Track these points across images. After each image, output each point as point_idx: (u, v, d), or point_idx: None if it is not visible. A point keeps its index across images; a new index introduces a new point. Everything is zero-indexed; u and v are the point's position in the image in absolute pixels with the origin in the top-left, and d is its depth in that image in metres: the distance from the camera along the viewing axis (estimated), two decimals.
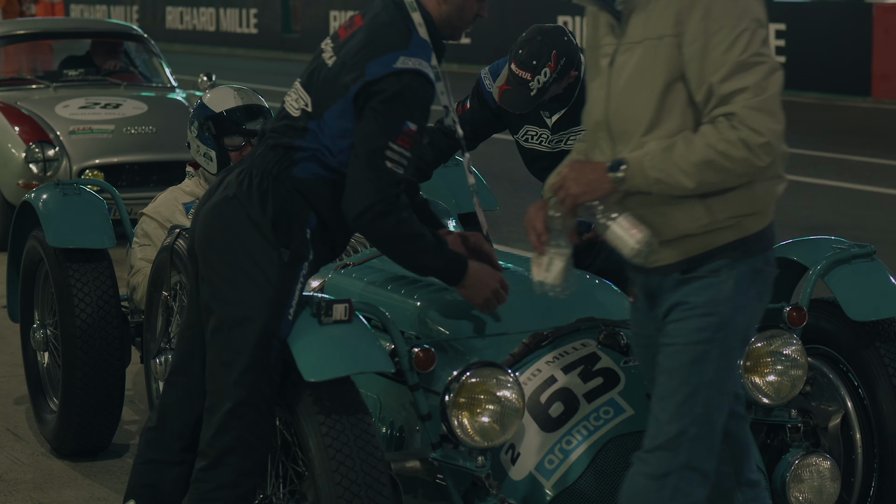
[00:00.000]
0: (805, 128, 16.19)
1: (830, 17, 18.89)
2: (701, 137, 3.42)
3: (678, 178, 3.42)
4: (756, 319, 3.62)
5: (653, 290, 3.61)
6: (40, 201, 5.78)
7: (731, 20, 3.42)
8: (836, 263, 4.53)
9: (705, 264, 3.52)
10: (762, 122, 3.40)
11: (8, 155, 9.72)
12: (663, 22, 3.47)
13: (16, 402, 6.55)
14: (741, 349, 3.62)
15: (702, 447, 3.51)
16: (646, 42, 3.50)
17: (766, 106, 3.41)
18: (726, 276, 3.51)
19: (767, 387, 4.30)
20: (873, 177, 12.76)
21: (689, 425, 3.49)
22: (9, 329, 7.33)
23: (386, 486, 3.87)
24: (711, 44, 3.42)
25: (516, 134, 5.56)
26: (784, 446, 4.33)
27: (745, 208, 3.52)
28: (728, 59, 3.41)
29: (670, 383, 3.51)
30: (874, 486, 4.46)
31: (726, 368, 3.53)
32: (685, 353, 3.50)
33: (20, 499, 5.42)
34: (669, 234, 3.52)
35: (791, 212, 10.92)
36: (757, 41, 3.43)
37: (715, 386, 3.51)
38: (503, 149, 10.70)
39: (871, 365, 4.46)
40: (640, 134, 3.50)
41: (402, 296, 4.57)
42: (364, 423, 3.91)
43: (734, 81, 3.40)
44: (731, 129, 3.39)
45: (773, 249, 3.62)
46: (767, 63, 3.44)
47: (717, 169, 3.41)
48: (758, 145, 3.40)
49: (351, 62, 3.99)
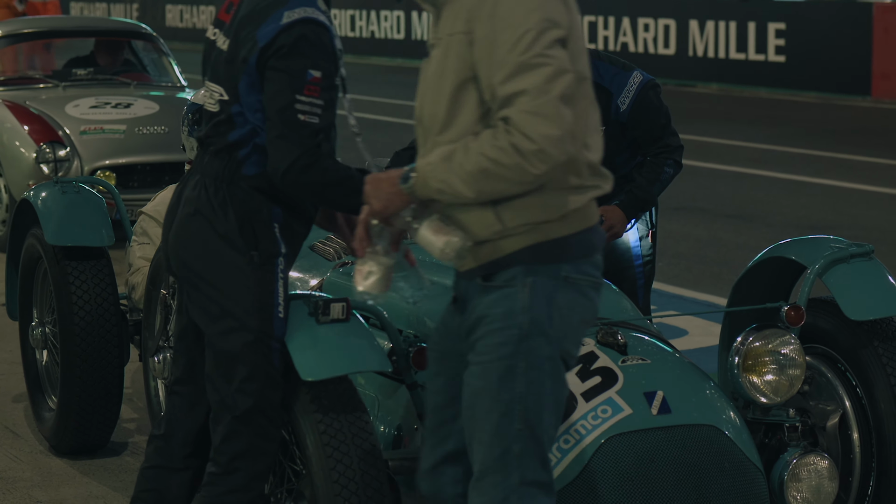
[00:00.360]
0: (804, 127, 16.20)
1: (830, 16, 18.90)
2: (476, 144, 3.28)
3: (458, 187, 3.31)
4: (572, 330, 3.43)
5: (462, 294, 3.52)
6: (39, 199, 5.78)
7: (516, 19, 3.27)
8: (834, 263, 4.53)
9: (501, 272, 3.39)
10: (536, 128, 3.22)
11: (18, 155, 9.63)
12: (459, 18, 3.35)
13: (14, 399, 6.55)
14: (556, 360, 3.41)
15: (531, 461, 3.39)
16: (445, 38, 3.39)
17: (543, 110, 3.23)
18: (521, 286, 3.37)
19: (765, 386, 4.30)
20: (873, 176, 12.76)
21: (511, 443, 3.37)
22: (8, 327, 7.32)
23: (384, 484, 3.87)
24: (497, 43, 3.27)
25: None
26: (782, 445, 4.33)
27: (538, 216, 3.37)
28: (510, 59, 3.25)
29: (483, 404, 3.39)
30: (872, 485, 4.46)
31: (538, 381, 3.38)
32: (493, 371, 3.38)
33: (19, 496, 5.42)
34: (469, 238, 3.42)
35: (790, 211, 10.92)
36: (543, 42, 3.26)
37: (530, 399, 3.37)
38: None
39: (870, 364, 4.45)
40: (435, 133, 3.41)
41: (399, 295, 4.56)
42: (362, 421, 3.91)
43: (514, 83, 3.25)
44: (505, 135, 3.25)
45: (588, 258, 3.45)
46: (552, 65, 3.25)
47: (493, 177, 3.27)
48: (530, 152, 3.23)
49: (243, 36, 4.00)
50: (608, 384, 4.10)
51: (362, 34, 26.85)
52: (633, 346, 4.25)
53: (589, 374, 4.12)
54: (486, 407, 3.39)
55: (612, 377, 4.12)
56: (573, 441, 3.99)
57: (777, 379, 4.30)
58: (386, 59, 25.92)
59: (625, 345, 4.22)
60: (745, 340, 4.32)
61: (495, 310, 3.39)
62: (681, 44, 20.77)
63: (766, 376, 4.30)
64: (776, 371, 4.30)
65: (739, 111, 17.91)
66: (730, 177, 12.84)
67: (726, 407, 4.19)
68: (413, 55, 25.24)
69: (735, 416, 4.18)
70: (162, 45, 11.16)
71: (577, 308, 3.43)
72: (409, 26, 25.88)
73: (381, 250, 3.50)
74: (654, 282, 5.79)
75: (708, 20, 20.36)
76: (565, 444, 3.99)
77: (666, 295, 8.40)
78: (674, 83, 20.08)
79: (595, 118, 3.48)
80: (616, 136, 5.40)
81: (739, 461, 4.07)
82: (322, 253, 5.17)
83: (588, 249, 3.45)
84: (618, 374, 4.13)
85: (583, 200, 3.42)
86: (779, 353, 4.30)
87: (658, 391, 4.09)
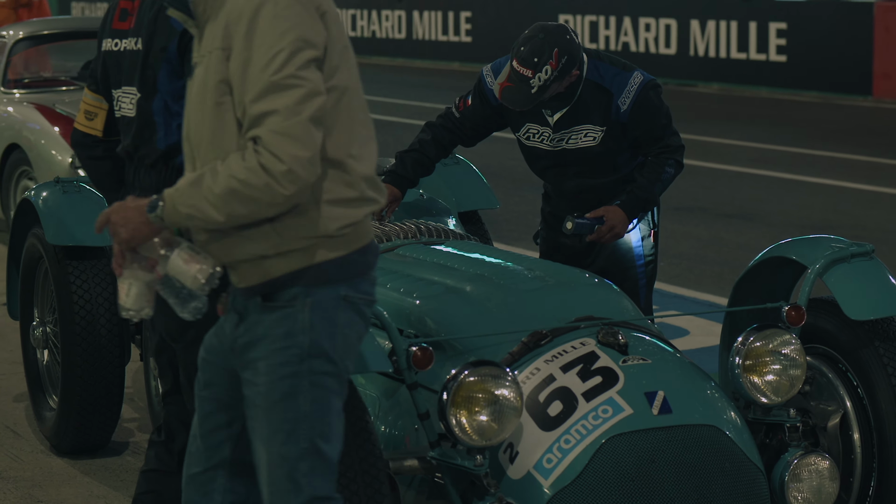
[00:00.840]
0: (806, 127, 16.19)
1: (831, 15, 18.88)
2: (225, 167, 3.26)
3: (208, 212, 3.27)
4: (351, 349, 3.46)
5: (240, 309, 3.49)
6: (40, 199, 5.78)
7: (271, 38, 3.25)
8: (834, 262, 4.53)
9: (282, 290, 3.38)
10: (285, 149, 3.21)
11: (51, 159, 9.39)
12: (217, 35, 3.33)
13: (15, 399, 6.55)
14: (338, 377, 3.44)
15: (320, 478, 3.40)
16: (207, 56, 3.36)
17: (293, 131, 3.22)
18: (301, 305, 3.37)
19: (766, 386, 4.30)
20: (874, 176, 12.75)
21: (297, 461, 3.38)
22: (8, 326, 7.32)
23: (384, 484, 3.87)
24: (251, 61, 3.26)
25: (518, 132, 5.56)
26: (783, 446, 4.32)
27: (315, 231, 3.35)
28: (262, 78, 3.24)
29: (269, 424, 3.39)
30: (873, 485, 4.46)
31: (322, 399, 3.39)
32: (276, 391, 3.38)
33: (19, 496, 5.42)
34: (242, 255, 3.40)
35: (791, 211, 10.92)
36: (297, 62, 3.24)
37: (316, 417, 3.39)
38: (503, 147, 10.71)
39: (870, 364, 4.45)
40: (203, 151, 3.38)
41: (400, 294, 4.57)
42: (362, 421, 3.90)
43: (265, 103, 3.23)
44: (254, 155, 3.23)
45: (365, 277, 3.46)
46: (304, 87, 3.24)
47: (243, 199, 3.25)
48: (280, 172, 3.21)
49: (158, 29, 4.02)
50: (609, 384, 4.10)
51: (363, 34, 26.84)
52: (634, 345, 4.25)
53: (590, 373, 4.12)
54: (273, 427, 3.39)
55: (613, 377, 4.12)
56: (574, 441, 3.99)
57: (778, 379, 4.30)
58: (387, 59, 25.90)
59: (625, 345, 4.22)
60: (746, 340, 4.31)
61: (276, 330, 3.39)
62: (682, 43, 20.75)
63: (767, 376, 4.30)
64: (777, 371, 4.29)
65: (740, 111, 17.90)
66: (731, 176, 12.84)
67: (727, 407, 4.19)
68: (414, 55, 25.24)
69: (736, 417, 4.18)
70: None
71: (355, 326, 3.46)
72: (410, 26, 25.87)
73: (137, 267, 3.48)
74: (655, 281, 5.79)
75: (709, 20, 20.35)
76: (566, 444, 3.98)
77: (667, 295, 8.40)
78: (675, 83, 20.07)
79: (366, 129, 3.45)
80: (617, 136, 5.40)
81: (740, 461, 4.07)
82: None
83: (365, 268, 3.46)
84: (618, 374, 4.13)
85: (359, 215, 3.41)
86: (780, 353, 4.30)
87: (659, 391, 4.09)
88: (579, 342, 4.23)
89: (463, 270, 4.73)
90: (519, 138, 5.57)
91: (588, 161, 5.44)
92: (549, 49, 5.21)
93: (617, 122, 5.37)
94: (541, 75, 5.20)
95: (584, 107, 5.37)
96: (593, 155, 5.42)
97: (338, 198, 3.37)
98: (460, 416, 3.93)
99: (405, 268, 4.81)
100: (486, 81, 5.51)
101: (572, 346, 4.22)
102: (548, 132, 5.46)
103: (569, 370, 4.14)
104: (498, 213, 9.24)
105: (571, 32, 5.32)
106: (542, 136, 5.47)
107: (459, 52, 24.17)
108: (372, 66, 24.87)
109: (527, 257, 5.15)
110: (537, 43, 5.23)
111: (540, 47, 5.22)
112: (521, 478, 3.99)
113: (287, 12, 3.28)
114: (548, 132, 5.46)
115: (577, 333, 4.27)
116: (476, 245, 5.17)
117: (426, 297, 4.50)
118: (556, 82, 5.24)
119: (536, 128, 5.48)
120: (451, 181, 6.27)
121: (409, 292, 4.55)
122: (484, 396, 3.95)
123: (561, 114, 5.41)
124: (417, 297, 4.51)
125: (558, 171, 5.53)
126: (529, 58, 5.21)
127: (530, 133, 5.50)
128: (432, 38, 25.17)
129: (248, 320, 3.45)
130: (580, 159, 5.44)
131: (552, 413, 4.05)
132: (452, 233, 5.31)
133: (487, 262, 4.86)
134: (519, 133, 5.55)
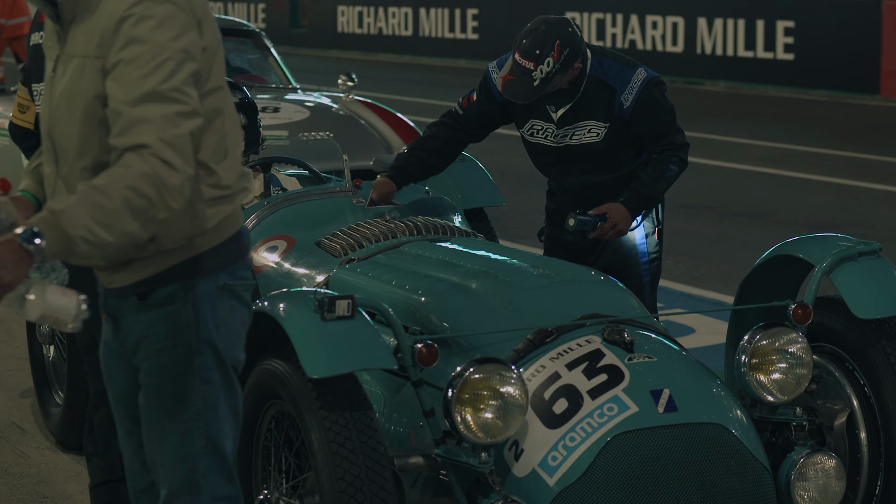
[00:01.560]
0: (813, 125, 16.18)
1: (839, 14, 18.87)
2: (109, 182, 3.08)
3: (99, 233, 3.05)
4: (237, 338, 3.40)
5: (114, 312, 3.42)
6: None
7: (153, 48, 3.15)
8: (841, 261, 4.52)
9: (159, 288, 3.30)
10: (175, 160, 3.10)
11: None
12: (92, 40, 3.22)
13: (21, 395, 6.55)
14: (227, 371, 3.37)
15: (218, 477, 3.36)
16: (77, 59, 3.25)
17: (178, 143, 3.11)
18: (183, 302, 3.30)
19: (772, 384, 4.29)
20: (881, 174, 12.74)
21: (195, 461, 3.34)
22: (15, 322, 7.33)
23: (389, 481, 3.87)
24: (128, 69, 3.15)
25: (522, 128, 5.55)
26: (789, 444, 4.31)
27: (192, 230, 3.28)
28: (146, 84, 3.13)
29: (162, 425, 3.34)
30: (880, 484, 4.45)
31: (214, 395, 3.34)
32: (167, 392, 3.32)
33: (25, 492, 5.42)
34: (115, 259, 3.30)
35: (798, 209, 10.91)
36: (181, 75, 3.16)
37: (210, 414, 3.34)
38: (508, 144, 10.70)
39: (877, 363, 4.44)
40: (73, 157, 3.27)
41: (405, 291, 4.56)
42: (367, 418, 3.91)
43: (146, 108, 3.12)
44: (141, 161, 3.09)
45: (241, 262, 3.39)
46: (188, 105, 3.15)
47: (135, 210, 3.07)
48: (174, 185, 3.10)
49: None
50: (614, 382, 4.09)
51: (370, 31, 26.85)
52: (640, 343, 4.25)
53: (595, 371, 4.12)
54: (166, 428, 3.35)
55: (619, 375, 4.11)
56: (579, 439, 3.98)
57: (784, 377, 4.29)
58: (394, 56, 25.91)
59: (631, 342, 4.21)
60: (752, 339, 4.30)
61: (158, 329, 3.33)
62: (689, 41, 20.75)
63: (773, 375, 4.29)
64: (783, 370, 4.28)
65: (747, 109, 17.88)
66: (737, 175, 12.83)
67: (733, 405, 4.18)
68: (421, 52, 25.24)
69: (742, 415, 4.17)
70: (267, 44, 10.51)
71: (237, 314, 3.40)
72: (416, 23, 25.87)
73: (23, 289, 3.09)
74: (661, 279, 5.78)
75: (716, 18, 20.34)
76: (571, 442, 3.98)
77: (673, 293, 8.40)
78: (682, 81, 20.06)
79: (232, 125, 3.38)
80: (620, 132, 5.39)
81: (746, 460, 4.06)
82: (328, 249, 5.17)
83: (240, 252, 3.40)
84: (624, 371, 4.12)
85: (232, 208, 3.37)
86: (786, 352, 4.29)
87: (664, 389, 4.08)
88: (585, 340, 4.22)
89: (468, 268, 4.72)
90: (523, 135, 5.57)
91: (591, 157, 5.43)
92: (550, 41, 5.20)
93: (620, 118, 5.36)
94: (543, 67, 5.19)
95: (588, 103, 5.37)
96: (596, 151, 5.41)
97: (211, 197, 3.31)
98: (465, 414, 3.92)
99: (410, 265, 4.80)
100: (491, 77, 5.51)
101: (578, 344, 4.21)
102: (551, 128, 5.45)
103: (574, 368, 4.13)
104: (504, 210, 9.24)
105: (574, 25, 5.31)
106: (546, 132, 5.47)
107: (466, 50, 24.17)
108: (378, 62, 24.88)
109: (532, 254, 5.14)
110: (539, 35, 5.22)
111: (542, 39, 5.21)
112: (526, 475, 3.99)
113: (171, 21, 3.20)
114: (551, 128, 5.45)
115: (582, 331, 4.27)
116: (481, 242, 5.17)
117: (431, 294, 4.49)
118: (559, 75, 5.23)
119: (540, 124, 5.47)
120: (457, 178, 6.27)
121: (415, 289, 4.55)
122: (489, 394, 3.94)
123: (564, 110, 5.41)
124: (423, 294, 4.51)
125: (562, 168, 5.52)
126: (531, 50, 5.20)
127: (534, 129, 5.50)
128: (439, 35, 25.18)
129: (126, 321, 3.38)
130: (583, 156, 5.43)
131: (557, 411, 4.04)
132: (458, 230, 5.30)
133: (493, 259, 4.86)
134: (523, 129, 5.55)
